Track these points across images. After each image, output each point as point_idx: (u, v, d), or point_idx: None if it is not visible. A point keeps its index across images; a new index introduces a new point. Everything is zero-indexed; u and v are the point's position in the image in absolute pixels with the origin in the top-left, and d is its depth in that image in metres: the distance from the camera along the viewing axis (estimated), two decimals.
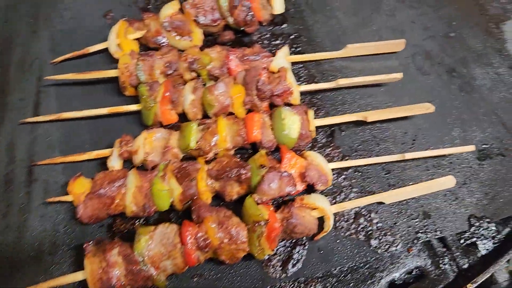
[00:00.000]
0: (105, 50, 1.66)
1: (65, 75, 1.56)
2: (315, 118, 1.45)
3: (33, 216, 1.38)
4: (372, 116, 1.43)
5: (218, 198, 1.37)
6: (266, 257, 1.31)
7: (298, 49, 1.71)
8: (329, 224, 1.27)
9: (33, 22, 1.81)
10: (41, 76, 1.66)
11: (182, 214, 1.37)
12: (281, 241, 1.33)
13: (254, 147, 1.44)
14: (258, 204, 1.26)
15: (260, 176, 1.28)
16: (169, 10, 1.64)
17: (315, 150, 1.48)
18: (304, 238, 1.33)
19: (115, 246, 1.20)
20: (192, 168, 1.31)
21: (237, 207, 1.30)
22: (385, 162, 1.42)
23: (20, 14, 1.84)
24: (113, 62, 1.64)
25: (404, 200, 1.38)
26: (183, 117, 1.51)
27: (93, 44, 1.68)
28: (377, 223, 1.35)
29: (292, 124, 1.39)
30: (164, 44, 1.64)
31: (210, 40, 1.73)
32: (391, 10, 1.80)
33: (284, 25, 1.77)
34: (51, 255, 1.32)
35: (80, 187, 1.31)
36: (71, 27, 1.79)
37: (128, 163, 1.43)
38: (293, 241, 1.33)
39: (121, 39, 1.63)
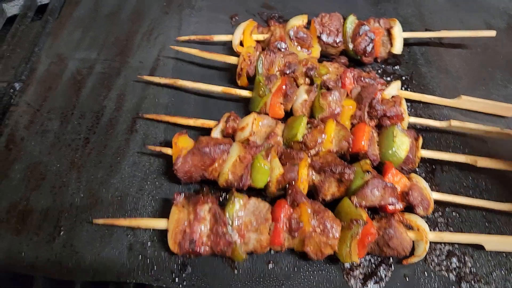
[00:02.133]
0: (227, 43, 1.74)
1: (189, 49, 1.63)
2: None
3: (127, 161, 1.39)
4: (483, 161, 1.39)
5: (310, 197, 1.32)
6: (348, 265, 1.23)
7: (408, 90, 1.72)
8: (425, 248, 1.20)
9: (166, 5, 1.95)
10: (163, 48, 1.75)
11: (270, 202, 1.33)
12: (367, 255, 1.25)
13: (354, 161, 1.41)
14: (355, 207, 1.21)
15: (363, 180, 1.25)
16: (297, 21, 1.72)
17: None
18: (392, 258, 1.25)
19: (208, 202, 1.17)
20: (297, 156, 1.30)
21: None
22: (488, 209, 1.34)
23: None
24: (231, 55, 1.72)
25: (506, 252, 1.28)
26: (288, 116, 1.52)
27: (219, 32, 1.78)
28: (471, 267, 1.26)
29: (402, 144, 1.37)
30: (283, 50, 1.71)
31: (324, 61, 1.79)
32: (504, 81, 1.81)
33: (397, 67, 1.81)
34: (134, 200, 1.30)
35: (184, 142, 1.32)
36: (199, 17, 1.91)
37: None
38: (380, 259, 1.25)
39: (246, 36, 1.72)
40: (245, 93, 1.55)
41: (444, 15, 2.04)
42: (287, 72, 1.58)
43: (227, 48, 1.75)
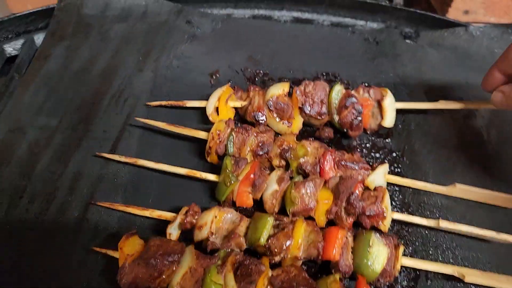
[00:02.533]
0: (201, 108, 1.60)
1: (156, 122, 1.50)
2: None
3: (73, 259, 1.26)
4: (471, 276, 1.22)
5: None
6: None
7: (397, 170, 1.55)
8: None
9: (142, 60, 1.81)
10: (131, 113, 1.62)
11: None
12: None
13: (325, 264, 1.26)
14: None
15: None
16: (277, 90, 1.57)
17: None
18: None
19: None
20: (255, 269, 1.15)
21: None
22: None
23: (132, 49, 1.85)
24: (205, 121, 1.58)
25: None
26: (258, 204, 1.38)
27: (191, 97, 1.65)
28: None
29: (379, 255, 1.21)
30: (261, 121, 1.56)
31: (308, 131, 1.64)
32: None
33: (388, 140, 1.63)
34: None
35: (131, 247, 1.19)
36: (176, 75, 1.77)
37: (185, 234, 1.30)
38: None
39: (221, 104, 1.58)
40: (211, 177, 1.41)
41: (447, 71, 1.86)
42: (260, 153, 1.44)
43: (203, 113, 1.61)
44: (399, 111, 1.61)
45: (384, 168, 1.44)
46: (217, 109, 1.59)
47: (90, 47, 1.82)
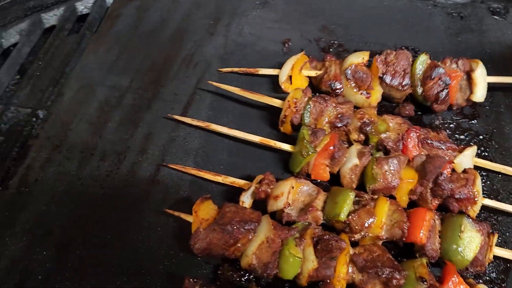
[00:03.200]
0: (273, 76, 1.53)
1: (230, 86, 1.44)
2: None
3: (142, 220, 1.23)
4: None
5: None
6: None
7: (484, 154, 1.43)
8: None
9: (213, 25, 1.75)
10: (202, 78, 1.57)
11: None
12: None
13: (408, 249, 1.17)
14: None
15: None
16: (357, 59, 1.46)
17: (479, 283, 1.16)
18: None
19: None
20: (336, 245, 1.07)
21: None
22: None
23: (203, 14, 1.80)
24: (276, 90, 1.51)
25: None
26: (334, 179, 1.30)
27: (262, 65, 1.59)
28: None
29: (470, 242, 1.10)
30: (338, 91, 1.47)
31: (386, 106, 1.53)
32: None
33: (474, 121, 1.50)
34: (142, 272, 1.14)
35: (205, 212, 1.13)
36: (247, 41, 1.70)
37: (257, 204, 1.24)
38: None
39: (295, 72, 1.50)
40: (286, 147, 1.33)
41: None
42: (338, 125, 1.35)
43: (274, 82, 1.54)
44: (489, 88, 1.47)
45: (472, 150, 1.32)
46: (290, 78, 1.51)
47: (161, 8, 1.79)
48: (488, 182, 1.36)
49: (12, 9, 1.74)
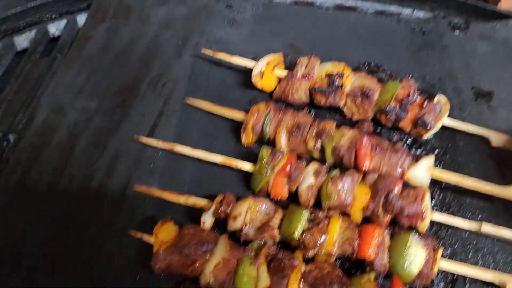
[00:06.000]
0: (246, 72, 1.63)
1: (201, 101, 1.55)
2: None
3: (108, 242, 1.29)
4: None
5: None
6: None
7: (439, 168, 1.49)
8: None
9: (181, 45, 1.80)
10: (169, 98, 1.62)
11: None
12: None
13: (359, 260, 1.23)
14: None
15: None
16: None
17: None
18: None
19: None
20: (288, 264, 1.13)
21: None
22: None
23: (171, 34, 1.84)
24: (248, 85, 1.62)
25: None
26: (292, 197, 1.36)
27: (229, 83, 1.66)
28: None
29: (416, 257, 1.17)
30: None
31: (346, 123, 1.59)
32: None
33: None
34: None
35: (165, 234, 1.20)
36: (215, 60, 1.75)
37: (218, 222, 1.30)
38: None
39: (268, 69, 1.60)
40: (247, 166, 1.39)
41: (497, 66, 1.76)
42: (295, 134, 1.41)
43: (247, 76, 1.63)
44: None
45: (428, 161, 1.38)
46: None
47: (130, 30, 1.83)
48: (441, 195, 1.43)
49: None
